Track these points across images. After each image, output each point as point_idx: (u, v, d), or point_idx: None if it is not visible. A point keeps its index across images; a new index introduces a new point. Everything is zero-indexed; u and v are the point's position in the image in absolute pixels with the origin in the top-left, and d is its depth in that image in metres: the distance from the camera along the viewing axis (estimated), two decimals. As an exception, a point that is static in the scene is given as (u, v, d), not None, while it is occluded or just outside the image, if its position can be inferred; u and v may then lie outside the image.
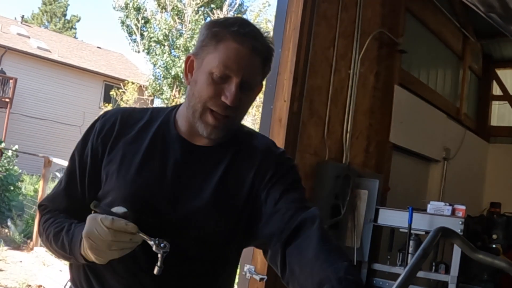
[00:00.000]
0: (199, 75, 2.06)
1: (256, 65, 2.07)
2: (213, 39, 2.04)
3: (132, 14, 26.95)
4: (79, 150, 2.21)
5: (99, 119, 2.24)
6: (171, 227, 2.02)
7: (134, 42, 27.50)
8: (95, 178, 2.15)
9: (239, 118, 2.14)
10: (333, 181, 4.88)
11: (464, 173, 8.30)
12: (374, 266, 5.04)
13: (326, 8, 4.96)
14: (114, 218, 1.85)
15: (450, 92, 8.40)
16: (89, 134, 2.21)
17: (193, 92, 2.07)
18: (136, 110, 2.29)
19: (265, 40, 2.09)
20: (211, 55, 2.03)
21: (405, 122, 6.27)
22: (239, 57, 2.01)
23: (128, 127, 2.19)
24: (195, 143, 2.15)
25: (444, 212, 4.69)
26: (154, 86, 26.25)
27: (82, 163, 2.18)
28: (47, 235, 2.15)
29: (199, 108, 2.04)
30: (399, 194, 6.08)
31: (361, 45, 5.37)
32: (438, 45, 7.83)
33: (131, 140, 2.15)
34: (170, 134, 2.17)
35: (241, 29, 2.03)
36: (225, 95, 2.00)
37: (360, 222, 4.98)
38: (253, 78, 2.08)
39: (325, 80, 5.00)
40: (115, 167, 2.10)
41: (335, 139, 5.16)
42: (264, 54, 2.09)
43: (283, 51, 4.54)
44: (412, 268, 1.66)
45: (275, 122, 4.48)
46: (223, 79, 2.01)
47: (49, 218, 2.19)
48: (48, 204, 2.27)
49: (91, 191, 2.16)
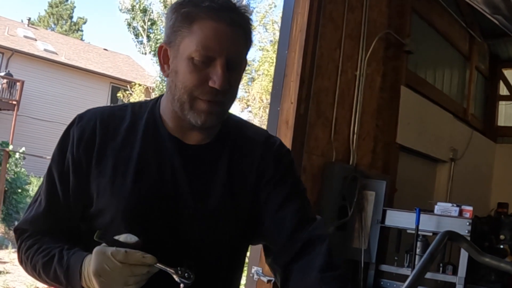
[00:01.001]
0: (178, 64, 1.86)
1: (239, 40, 1.87)
2: (185, 21, 1.84)
3: (139, 16, 26.98)
4: (57, 164, 1.96)
5: (74, 125, 1.97)
6: (178, 239, 1.89)
7: (140, 44, 27.54)
8: (81, 193, 1.92)
9: (231, 101, 1.95)
10: (340, 182, 4.88)
11: (471, 174, 8.29)
12: (382, 267, 5.04)
13: (332, 9, 4.96)
14: (128, 250, 1.66)
15: (457, 92, 8.38)
16: (65, 144, 1.96)
17: (176, 84, 1.86)
18: (115, 109, 2.05)
19: (241, 10, 1.89)
20: (186, 39, 1.83)
21: (412, 123, 6.26)
22: (219, 35, 1.82)
23: (111, 130, 1.95)
24: (188, 142, 1.96)
25: (452, 213, 4.69)
26: (161, 88, 26.20)
27: (63, 178, 1.94)
28: (33, 265, 1.92)
29: (186, 99, 1.84)
30: (406, 195, 6.07)
31: (368, 46, 5.36)
32: (445, 46, 7.82)
33: (120, 146, 1.93)
34: (161, 135, 1.97)
35: (213, 3, 1.83)
36: (212, 80, 1.81)
37: (367, 223, 4.98)
38: (238, 55, 1.89)
39: (331, 82, 5.00)
40: (107, 179, 1.89)
41: (342, 141, 5.16)
42: (245, 26, 1.89)
43: (290, 53, 4.54)
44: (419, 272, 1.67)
45: (282, 124, 4.48)
46: (206, 63, 1.81)
47: (32, 245, 1.94)
48: (28, 227, 1.99)
49: (77, 208, 1.94)
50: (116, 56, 39.37)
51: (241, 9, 1.88)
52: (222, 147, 2.00)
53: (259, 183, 1.99)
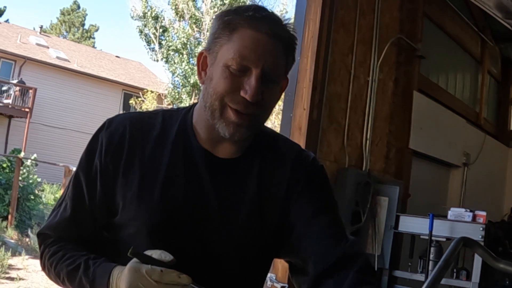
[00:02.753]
0: (214, 71, 1.80)
1: (277, 53, 1.79)
2: (226, 29, 1.79)
3: (150, 23, 27.06)
4: (85, 169, 1.91)
5: (103, 130, 1.92)
6: (204, 252, 1.84)
7: (152, 51, 27.59)
8: (106, 200, 1.87)
9: (263, 116, 1.87)
10: (353, 188, 4.88)
11: (485, 178, 8.26)
12: (395, 273, 5.03)
13: (344, 15, 4.96)
14: (163, 269, 1.61)
15: (469, 96, 8.37)
16: (93, 149, 1.90)
17: (208, 90, 1.80)
18: (145, 116, 1.98)
19: (286, 25, 1.83)
20: (225, 46, 1.77)
21: (424, 128, 6.25)
22: (257, 45, 1.75)
23: (140, 139, 1.89)
24: (218, 155, 1.89)
25: (465, 219, 4.68)
26: (173, 95, 26.32)
27: (90, 184, 1.89)
28: (57, 273, 1.88)
29: (217, 105, 1.77)
30: (420, 200, 6.06)
31: (380, 51, 5.36)
32: (457, 50, 7.81)
33: (148, 157, 1.87)
34: (191, 147, 1.90)
35: (257, 13, 1.78)
36: (244, 90, 1.74)
37: (380, 229, 4.97)
38: (276, 68, 1.80)
39: (344, 87, 5.00)
40: (133, 191, 1.83)
41: (355, 146, 5.15)
42: (286, 40, 1.82)
43: (302, 59, 4.54)
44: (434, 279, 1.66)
45: (295, 130, 4.48)
46: (241, 72, 1.74)
47: (57, 252, 1.91)
48: (51, 233, 1.96)
49: (102, 215, 1.90)
50: (128, 63, 39.48)
51: (285, 24, 1.83)
52: (253, 161, 1.93)
53: (290, 197, 1.91)
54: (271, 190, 1.92)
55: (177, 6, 26.70)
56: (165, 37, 26.95)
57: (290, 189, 1.92)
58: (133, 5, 27.90)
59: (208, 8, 26.40)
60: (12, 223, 16.06)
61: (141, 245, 1.73)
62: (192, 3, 26.54)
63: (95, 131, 1.94)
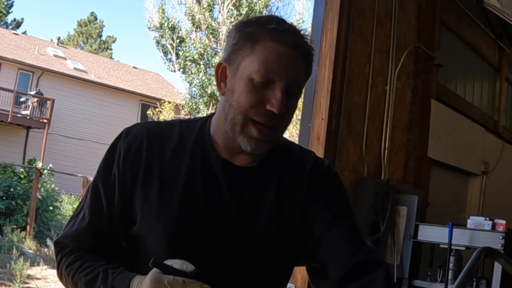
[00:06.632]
0: (236, 83, 1.81)
1: (299, 66, 1.83)
2: (247, 40, 1.80)
3: (167, 34, 27.21)
4: (103, 178, 1.91)
5: (121, 139, 1.93)
6: (222, 262, 1.83)
7: (169, 61, 27.74)
8: (124, 211, 1.88)
9: (285, 127, 1.88)
10: (372, 198, 4.87)
11: (504, 186, 8.20)
12: (415, 282, 5.00)
13: (361, 24, 4.95)
14: (186, 280, 1.62)
15: (488, 104, 8.32)
16: (111, 158, 1.91)
17: (231, 103, 1.81)
18: (162, 126, 1.98)
19: (305, 38, 1.86)
20: (248, 58, 1.79)
21: (443, 137, 6.23)
22: (282, 58, 1.78)
23: (158, 148, 1.90)
24: (236, 163, 1.90)
25: (485, 227, 4.65)
26: (191, 105, 26.42)
27: (108, 193, 1.89)
28: (74, 282, 1.87)
29: (239, 120, 1.79)
30: (439, 209, 6.03)
31: (397, 61, 5.35)
32: (474, 58, 7.77)
33: (167, 167, 1.87)
34: (210, 156, 1.90)
35: (280, 26, 1.81)
36: (270, 103, 1.76)
37: (400, 239, 4.96)
38: (298, 81, 1.83)
39: (362, 97, 4.99)
40: (152, 200, 1.84)
41: (373, 156, 5.14)
42: (306, 52, 1.85)
43: (320, 69, 4.54)
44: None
45: (314, 140, 4.47)
46: (265, 85, 1.77)
47: (74, 261, 1.90)
48: (69, 242, 1.94)
49: (120, 224, 1.90)
50: (146, 74, 39.68)
51: (305, 37, 1.86)
52: (270, 169, 1.94)
53: (307, 205, 1.93)
54: (290, 199, 1.93)
55: (194, 16, 26.87)
56: (182, 48, 27.11)
57: (308, 196, 1.94)
58: (150, 16, 28.13)
59: (224, 18, 26.53)
60: (31, 233, 16.17)
61: (160, 254, 1.73)
62: (209, 13, 26.68)
63: (113, 141, 1.95)
